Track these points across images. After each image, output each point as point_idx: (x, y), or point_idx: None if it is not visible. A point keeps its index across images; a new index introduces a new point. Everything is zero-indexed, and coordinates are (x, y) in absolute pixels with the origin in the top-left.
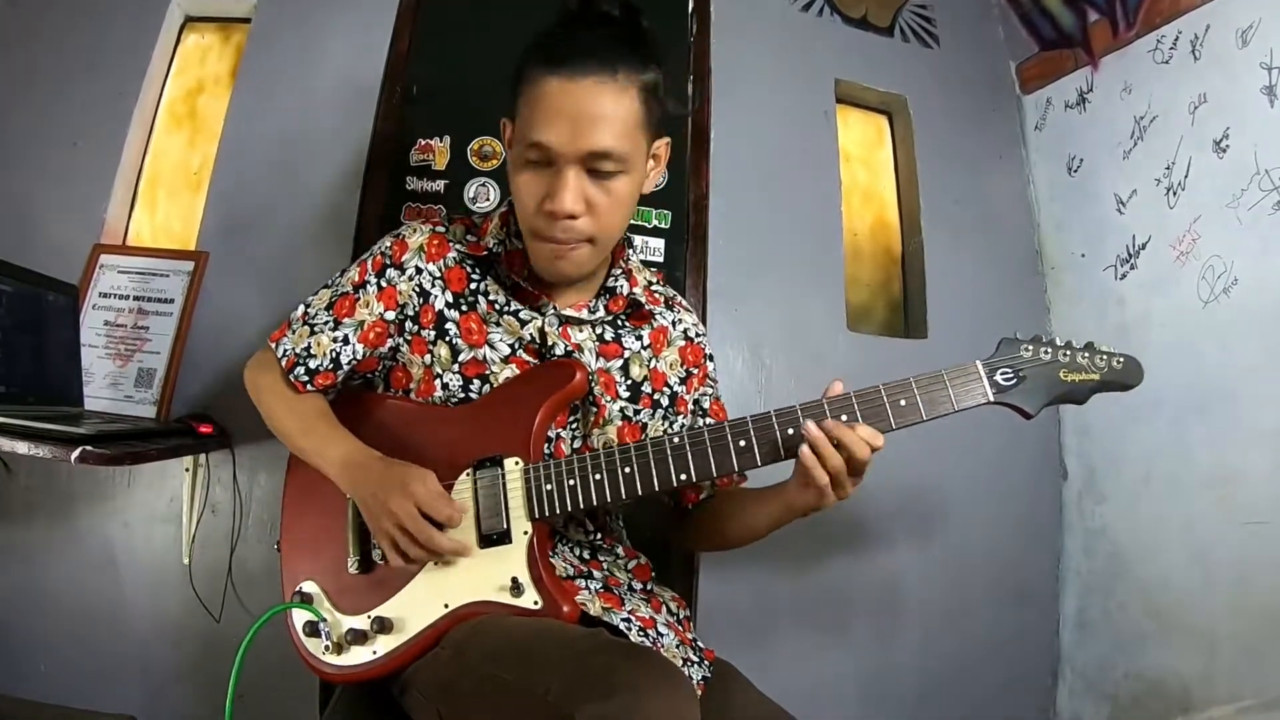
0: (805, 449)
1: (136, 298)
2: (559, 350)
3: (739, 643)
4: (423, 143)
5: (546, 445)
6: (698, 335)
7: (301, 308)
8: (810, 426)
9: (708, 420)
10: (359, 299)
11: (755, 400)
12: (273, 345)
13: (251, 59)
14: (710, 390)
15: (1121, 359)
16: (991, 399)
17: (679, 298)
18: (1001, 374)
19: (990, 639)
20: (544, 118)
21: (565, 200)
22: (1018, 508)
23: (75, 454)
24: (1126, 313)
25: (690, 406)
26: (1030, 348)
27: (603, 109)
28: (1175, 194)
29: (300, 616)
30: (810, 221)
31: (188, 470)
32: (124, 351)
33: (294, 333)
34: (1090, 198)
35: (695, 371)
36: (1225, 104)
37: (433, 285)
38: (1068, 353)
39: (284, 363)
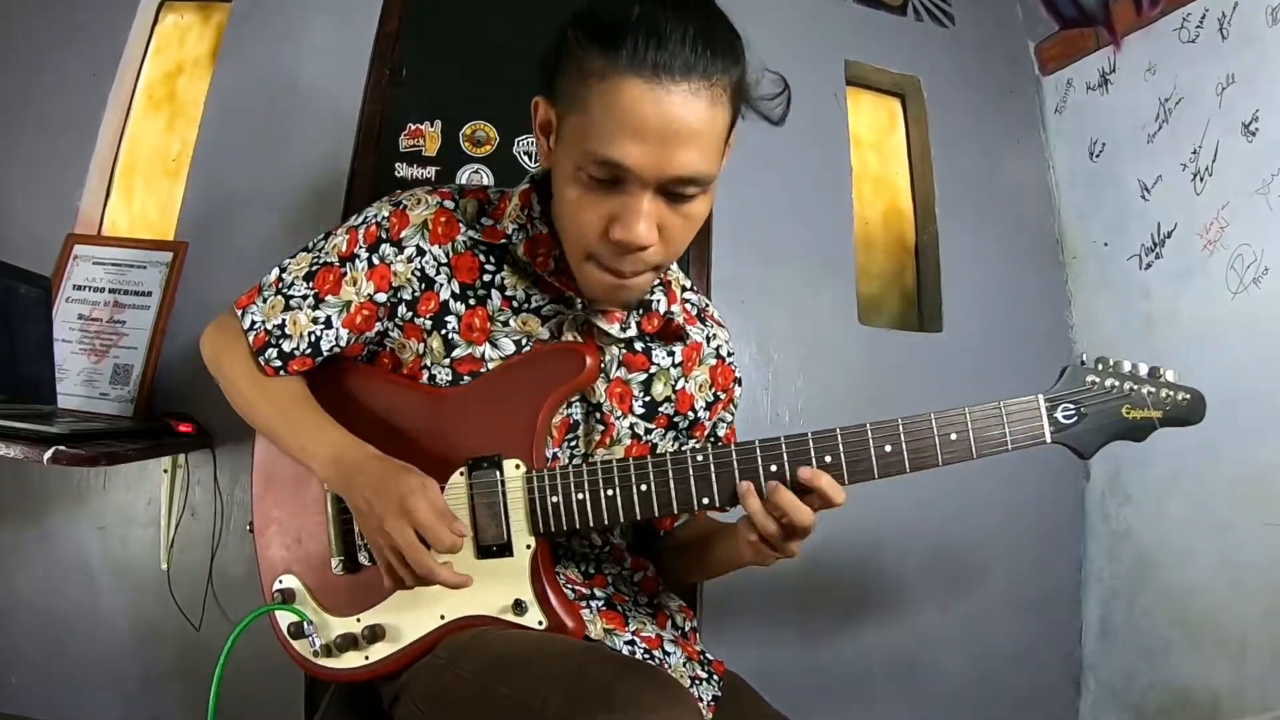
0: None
1: (112, 290)
2: None
3: (744, 649)
4: (413, 127)
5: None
6: (729, 355)
7: (276, 271)
8: (743, 486)
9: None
10: (345, 274)
11: (762, 398)
12: (238, 313)
13: (233, 39)
14: (728, 417)
15: (1186, 395)
16: (1049, 440)
17: (710, 308)
18: (1063, 411)
19: (1010, 647)
20: (622, 131)
21: (639, 231)
22: (1038, 510)
23: (48, 454)
24: (1152, 304)
25: (707, 433)
26: (1095, 377)
27: (694, 124)
28: (1202, 179)
29: (285, 617)
30: (819, 210)
31: (166, 471)
32: (99, 347)
33: (264, 301)
34: (1113, 183)
35: (722, 397)
36: (1254, 85)
37: (438, 273)
38: (1133, 385)
39: (252, 339)
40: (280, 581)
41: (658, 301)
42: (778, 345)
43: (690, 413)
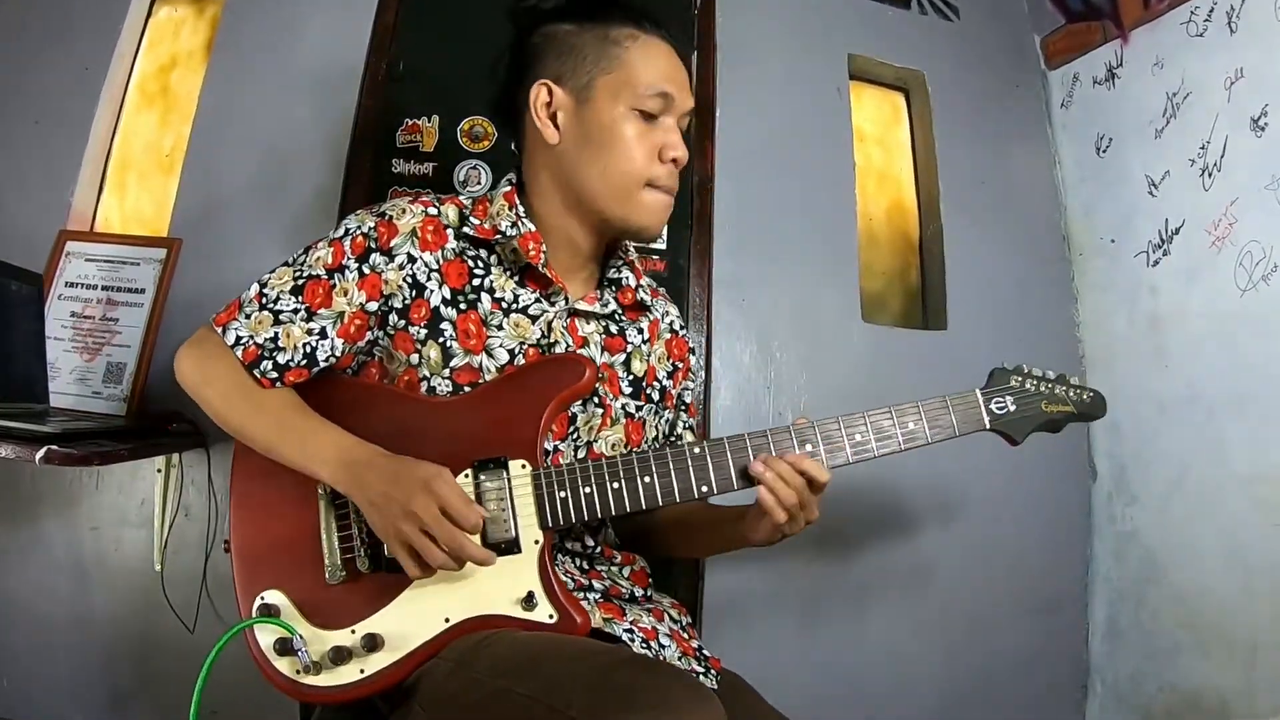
0: (762, 489)
1: (105, 287)
2: (560, 349)
3: (748, 648)
4: (410, 123)
5: (544, 458)
6: (681, 328)
7: (255, 287)
8: (756, 466)
9: (684, 416)
10: (335, 285)
11: (764, 396)
12: (218, 330)
13: (227, 33)
14: (691, 385)
15: (1090, 394)
16: (988, 426)
17: (659, 287)
18: (995, 402)
19: (1016, 649)
20: (664, 72)
21: (684, 148)
22: (1044, 511)
23: (40, 454)
24: (1159, 302)
25: (675, 401)
26: (1018, 378)
27: (687, 75)
28: (1211, 175)
29: (271, 633)
30: (822, 205)
31: (160, 471)
32: (92, 345)
33: (247, 317)
34: (1120, 179)
35: (680, 366)
36: (1264, 79)
37: (428, 278)
38: (1048, 385)
39: (241, 354)
40: (262, 598)
41: (626, 279)
42: (780, 343)
43: (656, 383)
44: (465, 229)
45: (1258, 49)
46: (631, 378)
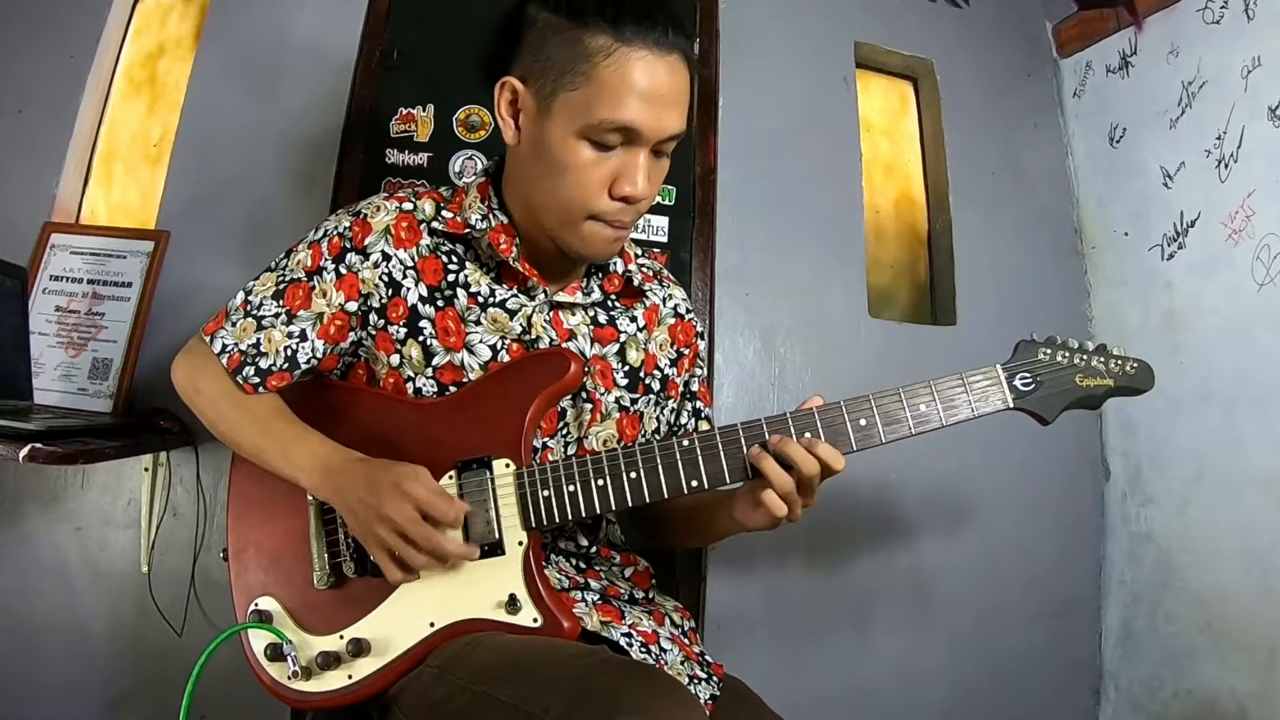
0: (761, 484)
1: (91, 281)
2: (544, 344)
3: (752, 650)
4: (404, 112)
5: (533, 456)
6: (688, 312)
7: (241, 295)
8: (754, 450)
9: (691, 405)
10: (314, 287)
11: (768, 393)
12: (207, 339)
13: (217, 20)
14: (700, 372)
15: (1135, 364)
16: (1011, 405)
17: (665, 270)
18: (1020, 379)
19: (1026, 653)
20: (632, 97)
21: (643, 185)
22: (1056, 510)
23: (24, 452)
24: (1174, 296)
25: (680, 390)
26: (1047, 351)
27: (681, 89)
28: (1227, 166)
29: (262, 638)
30: (828, 197)
31: (147, 470)
32: (77, 340)
33: (233, 325)
34: (1134, 170)
35: (686, 352)
36: None
37: (404, 276)
38: (1083, 356)
39: (226, 361)
40: (256, 604)
41: (614, 264)
42: (785, 339)
43: (657, 371)
44: (437, 223)
45: (1276, 37)
46: (627, 369)
